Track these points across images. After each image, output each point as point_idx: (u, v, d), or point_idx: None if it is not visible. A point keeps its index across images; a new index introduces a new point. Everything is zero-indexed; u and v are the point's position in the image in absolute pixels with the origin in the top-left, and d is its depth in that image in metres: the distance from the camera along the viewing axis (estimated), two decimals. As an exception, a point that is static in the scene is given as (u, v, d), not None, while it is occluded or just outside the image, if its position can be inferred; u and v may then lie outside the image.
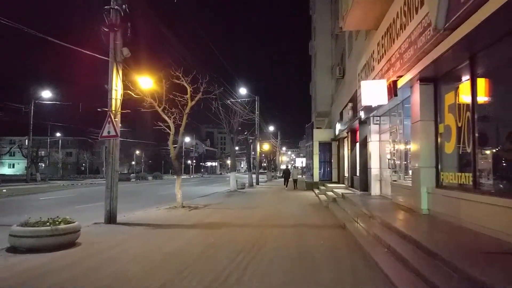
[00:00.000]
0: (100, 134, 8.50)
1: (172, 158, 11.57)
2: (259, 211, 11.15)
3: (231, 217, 9.68)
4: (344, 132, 17.36)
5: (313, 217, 9.66)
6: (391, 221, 6.38)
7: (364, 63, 11.00)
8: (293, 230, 7.55)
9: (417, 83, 7.11)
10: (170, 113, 11.68)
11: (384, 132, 11.62)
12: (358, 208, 9.13)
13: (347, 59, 17.30)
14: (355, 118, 13.09)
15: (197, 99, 11.29)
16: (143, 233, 7.33)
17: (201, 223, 8.69)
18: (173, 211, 11.10)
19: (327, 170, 22.55)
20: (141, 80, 9.13)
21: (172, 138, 11.42)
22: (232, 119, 20.05)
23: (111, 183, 8.45)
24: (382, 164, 11.77)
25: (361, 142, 13.80)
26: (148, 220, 9.03)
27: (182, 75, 10.81)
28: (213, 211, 11.15)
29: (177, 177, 11.98)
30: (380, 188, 11.79)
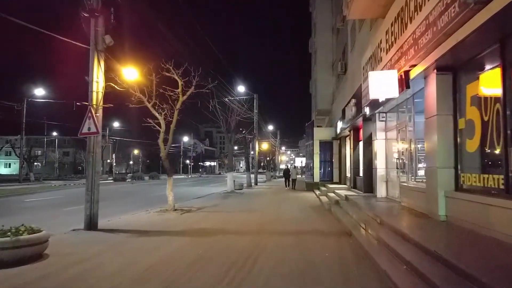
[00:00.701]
0: (80, 131, 7.68)
1: (162, 157, 10.75)
2: (256, 214, 10.34)
3: (225, 222, 8.87)
4: (346, 130, 16.56)
5: (315, 222, 8.85)
6: (405, 229, 5.58)
7: (370, 55, 10.19)
8: (293, 238, 6.74)
9: (433, 73, 6.31)
10: (161, 109, 10.88)
11: (390, 130, 10.81)
12: (364, 212, 8.33)
13: (349, 54, 16.49)
14: (359, 115, 12.28)
15: (189, 93, 10.47)
16: (124, 242, 6.51)
17: (192, 229, 7.87)
18: (164, 214, 10.29)
19: (328, 170, 21.75)
20: (125, 71, 8.30)
21: (163, 136, 10.59)
22: (229, 117, 19.21)
23: (92, 184, 7.63)
24: (389, 164, 10.97)
25: (365, 140, 13.00)
26: (133, 226, 8.22)
27: (172, 68, 9.99)
28: (206, 215, 10.34)
29: (168, 178, 11.16)
30: (387, 189, 10.99)
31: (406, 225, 6.00)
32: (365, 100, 11.08)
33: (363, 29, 12.93)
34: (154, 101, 10.65)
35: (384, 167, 11.08)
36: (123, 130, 60.49)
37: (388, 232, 5.87)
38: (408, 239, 5.05)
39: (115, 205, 14.38)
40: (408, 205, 8.14)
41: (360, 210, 8.85)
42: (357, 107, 12.74)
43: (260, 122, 33.58)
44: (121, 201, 15.97)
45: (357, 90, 12.67)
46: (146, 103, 10.57)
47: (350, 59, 16.25)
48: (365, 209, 8.49)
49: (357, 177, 15.24)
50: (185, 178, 53.85)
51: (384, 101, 8.88)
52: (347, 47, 17.35)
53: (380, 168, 11.11)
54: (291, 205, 13.03)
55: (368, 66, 10.53)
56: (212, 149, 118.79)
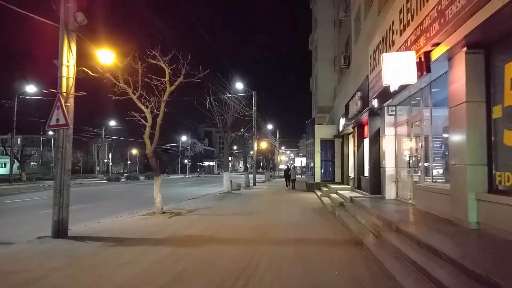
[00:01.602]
0: (48, 123, 6.63)
1: (148, 154, 9.70)
2: (253, 218, 9.31)
3: (217, 228, 7.83)
4: (349, 127, 15.54)
5: (319, 228, 7.81)
6: (431, 240, 4.54)
7: (379, 40, 9.16)
8: (294, 249, 5.70)
9: (461, 52, 5.28)
10: (148, 101, 9.85)
11: (401, 125, 9.79)
12: (374, 217, 7.30)
13: (353, 45, 15.46)
14: (365, 109, 11.25)
15: (177, 83, 9.42)
16: (93, 254, 5.47)
17: (177, 236, 6.84)
18: (150, 218, 9.25)
19: (329, 170, 20.72)
20: (100, 54, 7.24)
21: (149, 131, 9.55)
22: (226, 114, 18.17)
23: (61, 185, 6.58)
24: (399, 163, 9.94)
25: (371, 137, 11.98)
26: (111, 232, 7.18)
27: (159, 54, 8.95)
28: (197, 219, 9.30)
29: (155, 178, 10.12)
30: (396, 190, 9.97)
31: (430, 235, 4.97)
32: (372, 92, 10.06)
33: (370, 15, 11.91)
34: (139, 93, 9.63)
35: (393, 166, 10.05)
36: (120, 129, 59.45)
37: (410, 243, 4.83)
38: (438, 254, 4.02)
39: (101, 206, 13.36)
40: (425, 208, 7.12)
41: (369, 214, 7.82)
42: (363, 101, 11.72)
43: (259, 120, 32.57)
44: (108, 203, 14.93)
45: (363, 82, 11.66)
46: (131, 95, 9.54)
47: (354, 51, 15.22)
48: (375, 213, 7.46)
49: (362, 177, 14.22)
50: (182, 178, 52.76)
51: (397, 91, 7.86)
52: (350, 39, 16.32)
53: (389, 167, 10.08)
54: (291, 208, 12.00)
55: (376, 54, 9.50)
56: (212, 149, 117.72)
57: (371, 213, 7.73)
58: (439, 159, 7.84)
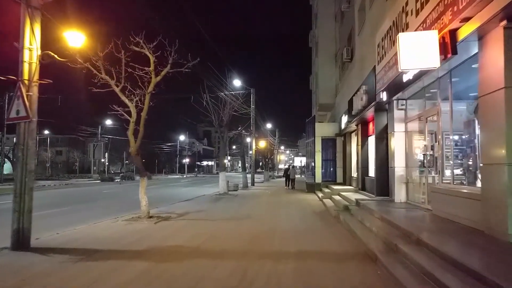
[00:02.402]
0: (7, 116, 5.69)
1: (131, 152, 8.74)
2: (248, 224, 8.36)
3: (206, 236, 6.88)
4: (352, 124, 14.60)
5: (323, 236, 6.86)
6: (472, 261, 3.60)
7: (389, 26, 8.22)
8: (295, 265, 4.76)
9: (498, 28, 4.35)
10: (132, 94, 8.91)
11: (412, 120, 8.86)
12: (385, 223, 6.37)
13: (356, 37, 14.53)
14: (371, 104, 10.31)
15: (164, 73, 8.46)
16: (51, 271, 4.51)
17: (160, 247, 5.89)
18: (133, 224, 8.31)
19: (331, 170, 19.79)
20: (68, 35, 6.26)
21: (133, 127, 8.60)
22: (222, 111, 17.21)
23: (21, 188, 5.63)
24: (410, 162, 9.02)
25: (378, 135, 11.06)
26: (84, 242, 6.23)
27: (143, 41, 8.00)
28: (186, 225, 8.35)
29: (141, 179, 9.17)
30: (407, 193, 9.04)
31: (466, 252, 4.03)
32: (380, 84, 9.12)
33: (376, 2, 10.97)
34: (123, 85, 8.68)
35: (403, 165, 9.12)
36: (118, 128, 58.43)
37: (440, 263, 3.88)
38: (484, 281, 3.08)
39: (85, 209, 12.41)
40: (444, 215, 6.18)
41: (379, 220, 6.88)
42: (369, 95, 10.79)
43: (258, 119, 31.62)
44: (95, 205, 13.97)
45: (369, 75, 10.73)
46: (114, 87, 8.60)
47: (358, 43, 14.29)
48: (386, 219, 6.52)
49: (366, 177, 13.30)
50: (179, 178, 51.74)
51: (411, 80, 6.93)
52: (353, 31, 15.39)
53: (399, 167, 9.15)
54: (291, 211, 11.05)
55: (385, 41, 8.56)
56: (211, 148, 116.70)
57: (382, 219, 6.79)
58: (458, 158, 6.92)
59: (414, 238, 4.87)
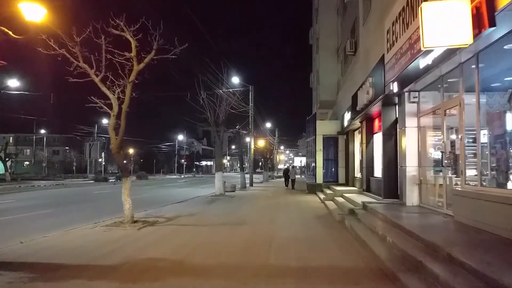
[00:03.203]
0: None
1: (112, 149, 7.82)
2: (243, 231, 7.44)
3: (193, 246, 5.96)
4: (356, 121, 13.68)
5: (327, 247, 5.94)
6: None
7: (401, 8, 7.27)
8: (295, 287, 3.83)
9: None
10: (114, 86, 7.99)
11: (426, 114, 7.95)
12: (402, 232, 5.45)
13: (361, 28, 13.61)
14: (380, 97, 9.38)
15: (148, 60, 7.53)
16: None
17: (135, 261, 4.97)
18: (113, 230, 7.40)
19: (332, 170, 18.87)
20: (24, 8, 5.32)
21: (114, 122, 7.68)
22: (218, 107, 16.28)
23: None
24: (423, 161, 8.10)
25: (386, 131, 10.14)
26: (48, 254, 5.32)
27: (123, 24, 7.08)
28: (173, 231, 7.43)
29: (124, 180, 8.27)
30: (420, 195, 8.11)
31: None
32: (391, 74, 8.20)
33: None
34: (103, 74, 7.76)
35: (415, 164, 8.20)
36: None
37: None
38: None
39: (70, 212, 11.50)
40: (472, 222, 5.25)
41: (393, 227, 5.95)
42: (376, 88, 9.86)
43: (257, 118, 30.70)
44: (81, 207, 13.05)
45: (376, 65, 9.80)
46: (93, 77, 7.69)
47: (362, 34, 13.37)
48: (401, 226, 5.60)
49: (372, 178, 12.40)
50: (177, 178, 50.78)
51: (430, 65, 6.03)
52: (357, 22, 14.47)
53: (411, 167, 8.23)
54: (291, 215, 10.13)
55: (397, 26, 7.63)
56: (210, 148, 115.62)
57: (397, 226, 5.87)
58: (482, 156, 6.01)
59: (443, 254, 3.95)
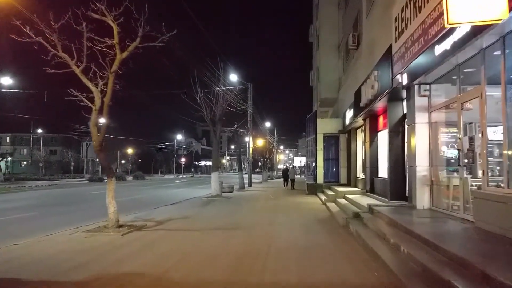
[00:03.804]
0: None
1: (95, 147, 7.11)
2: (237, 238, 6.74)
3: (179, 257, 5.27)
4: (359, 118, 12.99)
5: (332, 257, 5.23)
6: None
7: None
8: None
9: None
10: (99, 77, 7.29)
11: (438, 109, 7.27)
12: (416, 240, 4.76)
13: (364, 21, 12.92)
14: (385, 91, 8.69)
15: (132, 48, 6.81)
16: None
17: (110, 276, 4.28)
18: (94, 236, 6.71)
19: (333, 170, 18.21)
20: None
21: (96, 117, 6.98)
22: (215, 104, 15.58)
23: None
24: (434, 160, 7.41)
25: (392, 128, 9.48)
26: (12, 266, 4.64)
27: (105, 8, 6.38)
28: (160, 237, 6.74)
29: (108, 180, 7.57)
30: (431, 197, 7.42)
31: None
32: (399, 66, 7.51)
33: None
34: (85, 64, 7.06)
35: (426, 164, 7.51)
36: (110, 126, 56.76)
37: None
38: None
39: (53, 215, 10.80)
40: (499, 230, 4.56)
41: (407, 234, 5.26)
42: (382, 81, 9.17)
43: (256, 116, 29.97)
44: (70, 209, 12.35)
45: (382, 58, 9.12)
46: (74, 68, 6.99)
47: (366, 26, 12.69)
48: (417, 235, 4.91)
49: (376, 178, 11.71)
50: (174, 178, 50.04)
51: (447, 52, 5.34)
52: (360, 15, 13.78)
53: (421, 166, 7.53)
54: (291, 218, 9.43)
55: (407, 11, 6.94)
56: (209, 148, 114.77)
57: (410, 234, 5.18)
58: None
59: (475, 271, 3.25)
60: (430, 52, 5.88)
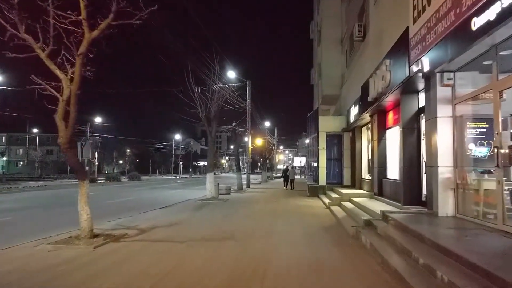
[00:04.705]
0: None
1: (61, 143, 6.02)
2: (229, 251, 5.68)
3: (155, 278, 4.22)
4: (366, 115, 11.96)
5: (346, 281, 4.17)
6: None
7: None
8: None
9: None
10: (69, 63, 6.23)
11: (464, 100, 6.22)
12: (454, 261, 3.72)
13: (371, 9, 11.88)
14: (401, 81, 7.63)
15: (104, 25, 5.72)
16: None
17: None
18: (61, 249, 5.69)
19: (336, 171, 17.16)
20: None
21: (63, 108, 5.92)
22: (210, 100, 14.54)
23: None
24: (460, 160, 6.36)
25: (406, 124, 8.46)
26: None
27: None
28: (139, 251, 5.68)
29: (80, 183, 6.52)
30: (456, 203, 6.37)
31: None
32: (418, 50, 6.48)
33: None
34: (51, 48, 6.01)
35: (450, 164, 6.46)
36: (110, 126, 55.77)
37: None
38: None
39: (31, 219, 9.80)
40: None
41: (440, 253, 4.20)
42: (395, 71, 8.12)
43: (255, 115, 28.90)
44: (49, 213, 11.28)
45: (396, 44, 8.07)
46: (38, 51, 5.95)
47: (374, 14, 11.65)
48: (454, 253, 3.87)
49: (384, 180, 10.69)
50: (172, 178, 48.94)
51: (494, 22, 4.28)
52: (366, 3, 12.75)
53: (444, 167, 6.48)
54: (292, 226, 8.36)
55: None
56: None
57: (448, 254, 4.12)
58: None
59: None
60: (463, 28, 4.84)
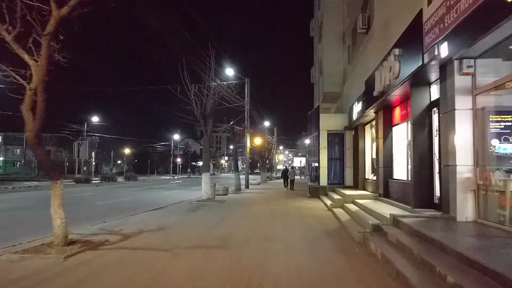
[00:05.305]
0: None
1: (28, 139, 5.28)
2: (221, 262, 4.95)
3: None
4: (370, 111, 11.23)
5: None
6: None
7: None
8: None
9: None
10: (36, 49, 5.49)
11: (485, 91, 5.50)
12: (490, 279, 3.00)
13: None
14: (413, 70, 6.90)
15: (74, 1, 5.01)
16: None
17: None
18: (27, 260, 4.95)
19: (338, 171, 16.45)
20: None
21: (31, 97, 5.18)
22: (206, 97, 13.82)
23: None
24: (481, 158, 5.64)
25: (416, 119, 7.76)
26: None
27: None
28: (117, 262, 4.95)
29: (51, 184, 5.78)
30: (477, 206, 5.64)
31: None
32: (434, 34, 5.77)
33: None
34: (18, 30, 5.28)
35: (470, 163, 5.74)
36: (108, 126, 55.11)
37: None
38: None
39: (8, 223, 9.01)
40: None
41: (468, 267, 3.48)
42: (404, 61, 7.39)
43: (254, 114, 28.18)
44: (31, 215, 10.52)
45: (407, 31, 7.34)
46: (4, 34, 5.21)
47: (379, 4, 10.93)
48: (490, 270, 3.15)
49: (391, 180, 9.97)
50: (170, 179, 48.16)
51: None
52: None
53: (463, 166, 5.76)
54: (292, 231, 7.61)
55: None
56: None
57: (484, 271, 3.40)
58: None
59: None
60: (492, 1, 4.12)
